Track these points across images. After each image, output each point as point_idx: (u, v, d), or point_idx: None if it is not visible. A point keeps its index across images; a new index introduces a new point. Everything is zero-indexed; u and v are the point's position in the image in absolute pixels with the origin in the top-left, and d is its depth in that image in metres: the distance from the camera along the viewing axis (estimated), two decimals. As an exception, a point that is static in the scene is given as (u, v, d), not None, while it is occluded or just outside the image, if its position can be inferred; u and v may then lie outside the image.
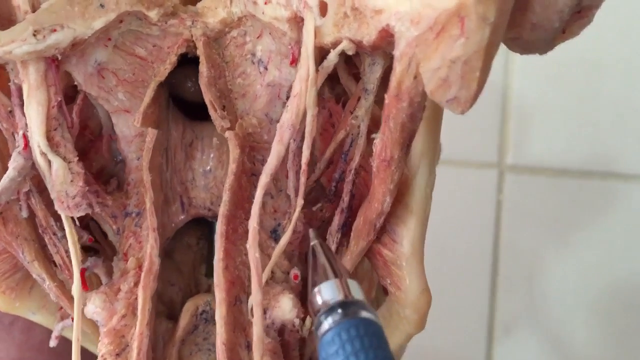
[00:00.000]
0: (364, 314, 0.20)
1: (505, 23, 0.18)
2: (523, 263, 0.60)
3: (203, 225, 0.31)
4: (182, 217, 0.28)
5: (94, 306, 0.26)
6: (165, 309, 0.29)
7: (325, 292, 0.21)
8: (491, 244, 0.60)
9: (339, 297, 0.20)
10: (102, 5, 0.24)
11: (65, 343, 0.30)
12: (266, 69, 0.25)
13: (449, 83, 0.18)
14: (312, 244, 0.24)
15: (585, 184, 0.58)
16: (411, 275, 0.24)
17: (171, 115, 0.29)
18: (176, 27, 0.26)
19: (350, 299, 0.20)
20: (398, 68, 0.19)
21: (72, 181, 0.24)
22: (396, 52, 0.19)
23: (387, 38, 0.20)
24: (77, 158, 0.25)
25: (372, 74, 0.23)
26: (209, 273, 0.31)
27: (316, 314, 0.21)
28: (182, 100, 0.30)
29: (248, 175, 0.26)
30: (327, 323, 0.20)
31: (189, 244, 0.31)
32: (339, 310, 0.20)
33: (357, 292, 0.21)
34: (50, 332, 0.29)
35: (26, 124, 0.24)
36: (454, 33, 0.17)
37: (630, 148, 0.57)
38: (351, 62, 0.25)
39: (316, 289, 0.21)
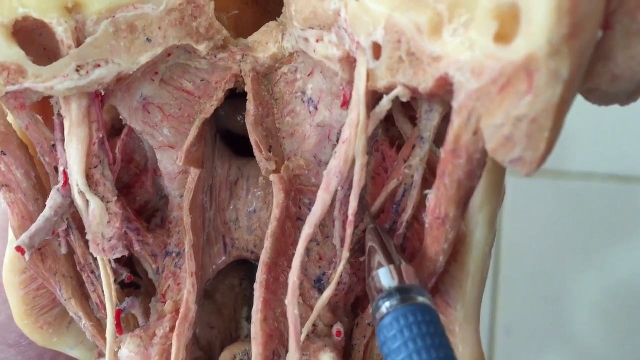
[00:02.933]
0: (421, 299, 0.20)
1: (581, 77, 0.16)
2: (524, 265, 0.60)
3: (247, 265, 0.29)
4: (224, 259, 0.27)
5: (128, 351, 0.25)
6: (203, 355, 0.27)
7: (382, 278, 0.21)
8: (492, 246, 0.60)
9: (394, 283, 0.21)
10: (149, 40, 0.23)
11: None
12: (316, 109, 0.24)
13: (513, 142, 0.16)
14: (368, 227, 0.24)
15: (586, 185, 0.58)
16: (465, 343, 0.22)
17: (218, 152, 0.27)
18: (225, 62, 0.25)
19: (405, 285, 0.21)
20: (456, 121, 0.17)
21: (109, 222, 0.23)
22: (455, 104, 0.17)
23: (445, 87, 0.18)
24: (116, 198, 0.24)
25: (428, 122, 0.21)
26: (251, 317, 0.29)
27: (374, 298, 0.21)
28: (230, 134, 0.29)
29: (293, 220, 0.25)
30: (384, 307, 0.20)
31: (232, 285, 0.30)
32: (397, 296, 0.20)
33: (411, 277, 0.21)
34: None
35: (67, 161, 0.24)
36: (521, 89, 0.15)
37: (631, 150, 0.57)
38: (408, 104, 0.23)
39: (373, 274, 0.22)
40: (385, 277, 0.21)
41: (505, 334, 0.60)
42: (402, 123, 0.24)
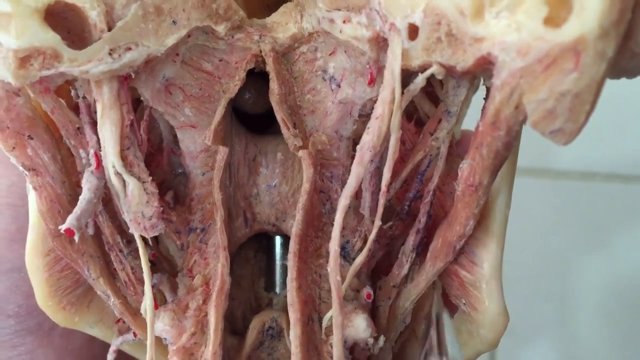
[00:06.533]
0: None
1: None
2: (526, 265, 0.60)
3: (260, 238, 0.31)
4: (246, 232, 0.28)
5: (163, 324, 0.26)
6: (228, 324, 0.29)
7: None
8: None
9: None
10: (174, 22, 0.24)
11: (102, 347, 0.30)
12: (339, 86, 0.25)
13: (555, 115, 0.18)
14: (435, 312, 0.26)
15: (587, 185, 0.58)
16: (491, 297, 0.24)
17: (234, 130, 0.28)
18: (243, 42, 0.26)
19: None
20: (498, 97, 0.19)
21: (147, 202, 0.24)
22: (496, 81, 0.19)
23: (484, 65, 0.20)
24: (151, 178, 0.24)
25: (456, 97, 0.23)
26: (268, 287, 0.30)
27: None
28: (239, 112, 0.29)
29: (317, 192, 0.26)
30: None
31: (247, 257, 0.31)
32: None
33: None
34: (89, 338, 0.29)
35: (97, 143, 0.24)
36: (567, 67, 0.17)
37: (632, 149, 0.57)
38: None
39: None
40: None
41: (507, 334, 0.60)
42: (420, 98, 0.25)
